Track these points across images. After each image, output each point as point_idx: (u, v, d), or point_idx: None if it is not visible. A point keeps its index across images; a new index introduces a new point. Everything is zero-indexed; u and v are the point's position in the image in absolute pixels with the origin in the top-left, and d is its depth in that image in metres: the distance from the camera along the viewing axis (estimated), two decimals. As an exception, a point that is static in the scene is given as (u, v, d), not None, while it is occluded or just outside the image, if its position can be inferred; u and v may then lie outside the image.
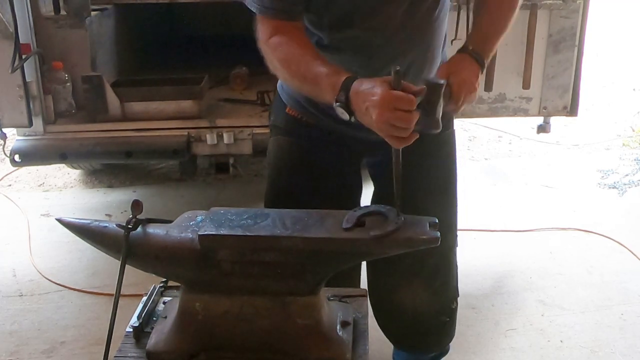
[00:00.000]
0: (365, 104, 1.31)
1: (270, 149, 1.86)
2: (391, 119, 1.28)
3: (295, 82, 1.55)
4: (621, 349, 2.52)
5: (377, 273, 1.95)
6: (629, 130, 4.83)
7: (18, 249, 3.23)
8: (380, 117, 1.29)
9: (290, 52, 1.50)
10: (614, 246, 3.22)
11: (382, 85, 1.30)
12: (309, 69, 1.46)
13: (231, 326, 1.31)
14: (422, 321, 2.01)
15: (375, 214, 1.33)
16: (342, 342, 1.33)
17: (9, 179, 4.07)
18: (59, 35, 2.84)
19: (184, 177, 3.74)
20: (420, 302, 1.96)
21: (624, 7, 7.51)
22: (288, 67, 1.51)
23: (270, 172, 1.86)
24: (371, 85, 1.32)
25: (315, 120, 1.75)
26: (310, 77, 1.45)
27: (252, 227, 1.29)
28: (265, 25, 1.54)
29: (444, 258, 1.95)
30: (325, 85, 1.40)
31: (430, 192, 1.80)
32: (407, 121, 1.29)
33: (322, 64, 1.44)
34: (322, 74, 1.42)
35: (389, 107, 1.28)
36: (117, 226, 1.32)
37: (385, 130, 1.31)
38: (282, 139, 1.82)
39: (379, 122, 1.30)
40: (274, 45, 1.52)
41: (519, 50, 2.90)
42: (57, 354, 2.52)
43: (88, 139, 2.86)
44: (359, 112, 1.34)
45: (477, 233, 3.30)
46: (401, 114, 1.28)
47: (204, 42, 4.44)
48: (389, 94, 1.28)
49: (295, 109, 1.77)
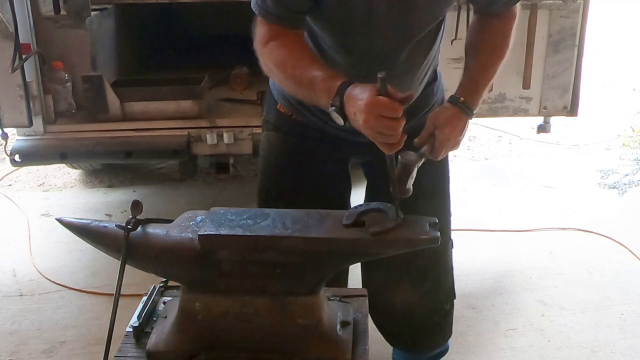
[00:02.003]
0: (353, 110, 1.32)
1: (262, 144, 1.89)
2: (376, 126, 1.28)
3: (290, 86, 1.54)
4: (621, 349, 2.52)
5: (370, 272, 1.97)
6: (629, 130, 4.83)
7: (18, 249, 3.22)
8: (366, 123, 1.29)
9: (286, 55, 1.50)
10: (614, 246, 3.22)
11: (370, 91, 1.29)
12: (304, 72, 1.45)
13: (231, 326, 1.31)
14: (412, 321, 2.03)
15: (375, 211, 1.33)
16: (342, 342, 1.33)
17: (9, 179, 4.07)
18: (59, 35, 2.84)
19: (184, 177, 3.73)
20: (411, 302, 1.98)
21: (624, 7, 7.51)
22: (284, 70, 1.50)
23: (260, 167, 1.89)
24: (361, 90, 1.32)
25: (304, 119, 1.77)
26: (305, 81, 1.45)
27: (252, 227, 1.29)
28: (265, 29, 1.54)
29: (434, 259, 1.94)
30: (321, 89, 1.40)
31: (422, 195, 1.78)
32: (392, 128, 1.28)
33: (319, 68, 1.44)
34: (318, 78, 1.41)
35: (374, 113, 1.28)
36: (117, 226, 1.32)
37: (372, 136, 1.31)
38: (272, 135, 1.85)
39: (365, 129, 1.30)
40: (271, 48, 1.52)
41: (519, 50, 2.89)
42: (57, 354, 2.52)
43: (88, 139, 2.86)
44: (351, 119, 1.34)
45: (477, 233, 3.30)
46: (386, 121, 1.28)
47: (204, 42, 4.44)
48: (374, 99, 1.28)
49: (285, 106, 1.80)
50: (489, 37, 1.67)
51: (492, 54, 1.66)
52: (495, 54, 1.66)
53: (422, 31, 1.61)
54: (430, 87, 1.81)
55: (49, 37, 2.82)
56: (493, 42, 1.67)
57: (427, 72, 1.75)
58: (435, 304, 2.03)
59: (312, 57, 1.50)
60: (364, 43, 1.59)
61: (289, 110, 1.79)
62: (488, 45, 1.66)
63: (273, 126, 1.84)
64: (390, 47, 1.60)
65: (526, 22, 2.86)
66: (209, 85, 3.17)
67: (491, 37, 1.67)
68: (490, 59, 1.66)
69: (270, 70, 1.54)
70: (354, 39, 1.59)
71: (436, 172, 1.87)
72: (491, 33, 1.67)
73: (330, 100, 1.36)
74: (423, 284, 1.97)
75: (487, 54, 1.66)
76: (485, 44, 1.67)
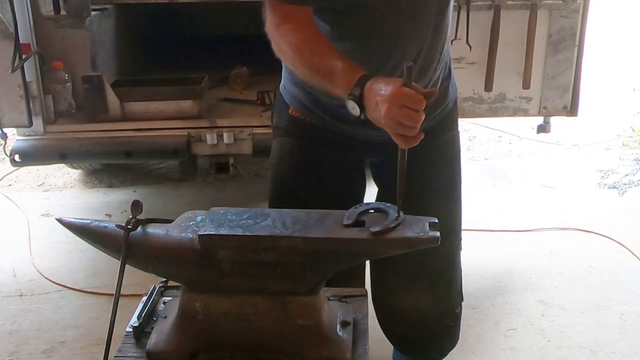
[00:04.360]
0: (376, 99, 1.33)
1: (273, 151, 1.84)
2: (399, 115, 1.29)
3: (305, 71, 1.53)
4: (621, 349, 2.52)
5: (380, 274, 1.93)
6: (629, 130, 4.83)
7: (18, 249, 3.23)
8: (389, 112, 1.30)
9: (303, 40, 1.49)
10: (614, 246, 3.22)
11: (395, 82, 1.32)
12: (323, 60, 1.45)
13: (231, 326, 1.31)
14: (425, 325, 1.97)
15: (376, 211, 1.33)
16: (342, 342, 1.33)
17: (9, 179, 4.07)
18: (59, 35, 2.84)
19: (184, 177, 3.74)
20: (423, 306, 1.93)
21: (624, 7, 7.50)
22: (300, 55, 1.50)
23: (273, 174, 1.84)
24: (385, 82, 1.34)
25: (318, 121, 1.73)
26: (323, 69, 1.45)
27: (252, 227, 1.29)
28: (276, 10, 1.53)
29: (447, 261, 1.92)
30: (340, 79, 1.41)
31: (434, 194, 1.78)
32: (413, 120, 1.30)
33: (339, 58, 1.44)
34: (338, 68, 1.42)
35: (398, 103, 1.29)
36: (117, 226, 1.32)
37: (392, 127, 1.32)
38: (284, 140, 1.80)
39: (387, 118, 1.31)
40: (286, 30, 1.51)
41: (519, 50, 2.90)
42: (57, 354, 2.52)
43: (88, 139, 2.86)
44: (370, 108, 1.35)
45: (477, 233, 3.30)
46: (408, 112, 1.29)
47: (204, 42, 4.43)
48: (400, 89, 1.30)
49: (298, 109, 1.75)
50: None
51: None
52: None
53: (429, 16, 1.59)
54: (444, 84, 1.78)
55: (49, 37, 2.82)
56: None
57: (441, 67, 1.72)
58: (447, 307, 1.98)
59: (331, 46, 1.49)
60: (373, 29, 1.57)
61: (303, 113, 1.75)
62: None
63: (285, 132, 1.80)
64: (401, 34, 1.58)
65: (526, 22, 2.86)
66: (209, 85, 3.16)
67: None
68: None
69: (285, 53, 1.53)
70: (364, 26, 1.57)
71: (447, 173, 1.87)
72: None
73: (349, 89, 1.37)
74: (436, 286, 1.93)
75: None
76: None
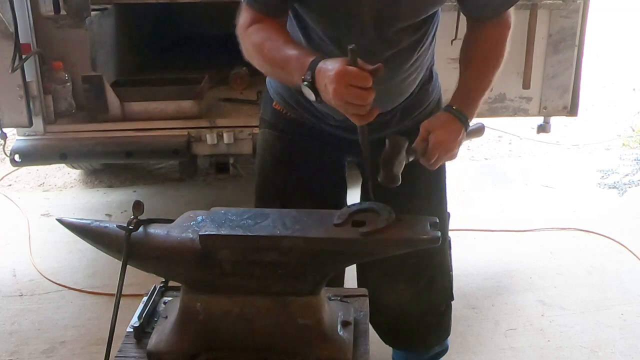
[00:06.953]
0: (324, 81, 1.33)
1: (258, 142, 1.91)
2: (345, 94, 1.30)
3: (267, 68, 1.55)
4: (621, 349, 2.52)
5: (365, 271, 1.97)
6: (629, 130, 4.83)
7: (18, 249, 3.22)
8: (335, 92, 1.30)
9: (263, 38, 1.51)
10: (614, 246, 3.22)
11: (340, 62, 1.31)
12: (279, 52, 1.47)
13: (232, 326, 1.31)
14: (406, 320, 2.02)
15: (368, 211, 1.33)
16: (342, 342, 1.33)
17: (9, 179, 4.07)
18: (59, 35, 2.84)
19: (184, 177, 3.73)
20: (405, 301, 1.98)
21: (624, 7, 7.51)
22: (261, 52, 1.52)
23: (257, 164, 1.91)
24: (331, 62, 1.34)
25: (298, 117, 1.78)
26: (280, 61, 1.46)
27: (253, 227, 1.29)
28: (249, 14, 1.56)
29: (426, 260, 1.93)
30: (294, 66, 1.42)
31: (416, 195, 1.79)
32: (361, 98, 1.30)
33: (293, 47, 1.46)
34: (292, 57, 1.43)
35: (344, 82, 1.29)
36: (118, 227, 1.32)
37: (342, 106, 1.33)
38: (268, 132, 1.86)
39: (335, 98, 1.31)
40: (250, 32, 1.54)
41: (519, 50, 2.89)
42: (57, 354, 2.52)
43: (88, 139, 2.86)
44: (322, 91, 1.35)
45: (477, 233, 3.30)
46: (355, 90, 1.29)
47: (204, 42, 4.43)
48: (344, 69, 1.30)
49: (280, 104, 1.81)
50: (482, 47, 1.65)
51: (486, 63, 1.65)
52: (489, 64, 1.65)
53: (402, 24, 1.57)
54: (425, 87, 1.80)
55: (49, 37, 2.82)
56: (486, 51, 1.65)
57: (421, 71, 1.73)
58: (430, 304, 2.02)
59: (287, 38, 1.51)
60: (348, 35, 1.57)
61: (284, 108, 1.80)
62: (481, 55, 1.65)
63: (269, 124, 1.86)
64: (372, 39, 1.57)
65: (526, 22, 2.86)
66: (209, 85, 3.17)
67: (485, 46, 1.65)
68: (483, 69, 1.64)
69: (250, 54, 1.55)
70: (339, 30, 1.58)
71: (431, 173, 1.87)
72: (485, 42, 1.65)
73: (302, 76, 1.37)
74: (417, 283, 1.97)
75: (480, 63, 1.65)
76: (479, 53, 1.65)
